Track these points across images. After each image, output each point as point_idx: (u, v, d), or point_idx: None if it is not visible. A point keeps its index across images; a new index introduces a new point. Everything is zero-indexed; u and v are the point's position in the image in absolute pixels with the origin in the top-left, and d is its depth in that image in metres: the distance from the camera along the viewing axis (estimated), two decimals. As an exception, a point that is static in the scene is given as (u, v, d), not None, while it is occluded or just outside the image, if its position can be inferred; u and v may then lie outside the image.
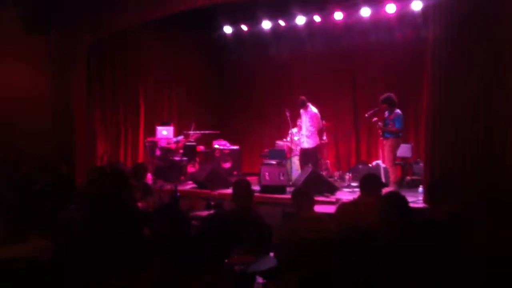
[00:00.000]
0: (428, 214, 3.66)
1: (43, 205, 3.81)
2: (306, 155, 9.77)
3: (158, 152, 10.93)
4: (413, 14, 9.22)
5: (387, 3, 9.51)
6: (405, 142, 10.17)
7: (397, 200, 3.54)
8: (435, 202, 3.41)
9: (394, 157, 8.61)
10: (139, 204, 6.17)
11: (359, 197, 4.98)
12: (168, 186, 8.84)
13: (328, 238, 3.38)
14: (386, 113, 8.62)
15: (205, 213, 5.99)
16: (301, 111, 9.78)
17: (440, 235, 2.82)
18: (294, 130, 10.50)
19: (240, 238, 3.80)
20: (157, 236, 3.73)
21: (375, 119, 8.66)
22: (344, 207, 5.09)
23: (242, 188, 4.63)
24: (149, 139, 11.24)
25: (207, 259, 3.59)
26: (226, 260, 3.79)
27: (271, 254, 4.16)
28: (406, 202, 3.57)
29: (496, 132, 5.85)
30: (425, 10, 7.24)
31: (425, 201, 4.16)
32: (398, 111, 8.51)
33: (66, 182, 5.89)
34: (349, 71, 11.79)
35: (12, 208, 3.64)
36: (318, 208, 6.23)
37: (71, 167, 9.33)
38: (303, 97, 9.68)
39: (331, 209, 5.92)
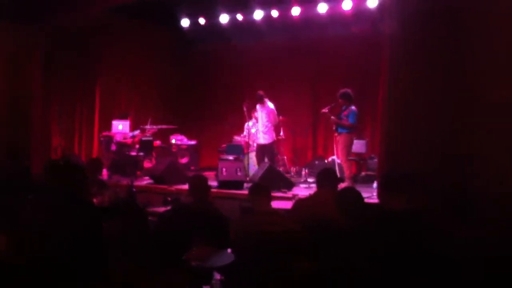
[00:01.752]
0: (381, 207, 3.73)
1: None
2: (263, 151, 9.81)
3: (113, 147, 10.76)
4: (369, 10, 9.36)
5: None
6: (360, 137, 10.35)
7: (352, 194, 3.61)
8: (388, 196, 3.48)
9: (348, 153, 8.74)
10: (94, 200, 6.07)
11: (316, 192, 5.04)
12: (124, 181, 8.72)
13: (285, 231, 3.41)
14: (343, 108, 8.74)
15: (162, 209, 5.93)
16: (258, 106, 9.79)
17: (394, 227, 2.88)
18: (250, 123, 10.50)
19: (199, 231, 3.80)
20: (113, 232, 3.67)
21: (325, 110, 8.77)
22: (301, 202, 5.15)
23: (199, 182, 4.63)
24: (105, 133, 11.06)
25: (165, 255, 3.57)
26: (184, 256, 3.79)
27: (229, 250, 4.17)
28: (361, 197, 3.64)
29: (456, 132, 5.97)
30: (381, 5, 7.31)
31: (378, 196, 4.27)
32: (353, 107, 8.65)
33: (20, 176, 5.71)
34: (307, 66, 11.88)
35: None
36: (275, 204, 6.26)
37: (26, 160, 9.10)
38: (261, 92, 9.69)
39: (288, 204, 5.95)
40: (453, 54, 5.98)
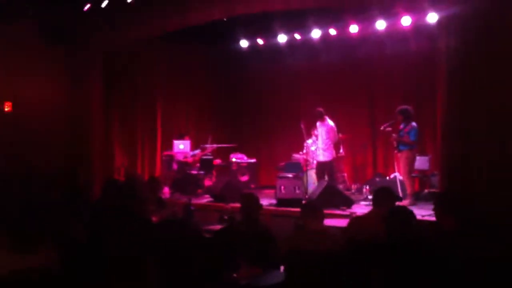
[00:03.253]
0: (436, 227, 3.61)
1: (53, 218, 3.87)
2: (323, 168, 9.74)
3: (175, 166, 11.01)
4: (428, 26, 9.15)
5: (403, 15, 9.46)
6: (423, 154, 10.08)
7: (403, 215, 3.52)
8: (442, 215, 3.37)
9: (411, 170, 8.55)
10: (153, 218, 6.22)
11: (371, 210, 4.96)
12: (184, 200, 8.88)
13: (333, 250, 3.37)
14: (402, 125, 8.57)
15: (217, 226, 5.99)
16: (318, 123, 9.75)
17: (443, 247, 2.79)
18: (310, 141, 10.46)
19: (247, 250, 3.81)
20: (165, 248, 3.74)
21: (388, 128, 8.62)
22: (356, 220, 5.07)
23: (249, 200, 4.65)
24: (166, 153, 11.33)
25: (215, 273, 3.59)
26: (233, 274, 3.80)
27: (281, 267, 4.15)
28: (412, 216, 3.54)
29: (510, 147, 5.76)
30: (440, 22, 7.20)
31: (434, 211, 4.17)
32: (413, 123, 8.47)
33: (80, 195, 5.95)
34: (365, 84, 11.74)
35: (21, 220, 3.70)
36: (332, 222, 6.23)
37: (88, 179, 9.45)
38: (320, 109, 9.65)
39: (345, 222, 5.87)
40: (509, 70, 5.80)
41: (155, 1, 9.29)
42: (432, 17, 8.81)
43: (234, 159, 11.78)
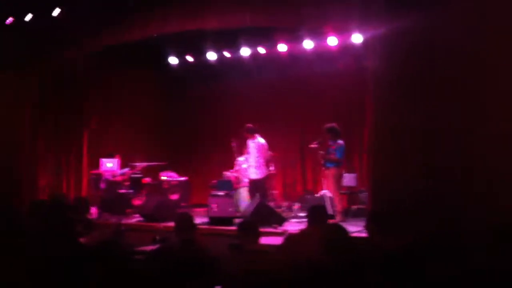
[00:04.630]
0: (373, 244, 3.69)
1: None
2: (255, 186, 9.75)
3: (102, 185, 10.67)
4: (354, 46, 9.47)
5: (329, 36, 9.73)
6: (350, 171, 10.36)
7: (338, 232, 3.57)
8: (383, 233, 3.45)
9: (339, 186, 8.76)
10: (81, 240, 5.98)
11: (306, 228, 5.00)
12: (113, 220, 8.62)
13: (273, 270, 3.35)
14: (330, 143, 8.77)
15: (150, 247, 5.84)
16: (248, 141, 9.78)
17: (390, 268, 2.85)
18: (242, 158, 10.48)
19: (184, 273, 3.73)
20: (97, 273, 3.60)
21: (314, 145, 8.80)
22: (290, 238, 5.09)
23: (184, 221, 4.56)
24: (93, 171, 10.98)
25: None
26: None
27: (218, 288, 4.09)
28: (346, 235, 3.60)
29: (438, 169, 6.02)
30: (366, 43, 7.45)
31: (367, 229, 4.26)
32: (340, 141, 8.70)
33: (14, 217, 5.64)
34: (295, 102, 11.94)
35: None
36: (266, 240, 6.20)
37: (19, 201, 9.00)
38: (250, 125, 9.66)
39: (278, 240, 5.88)
40: (434, 87, 6.08)
41: (90, 19, 9.06)
42: (357, 38, 9.15)
43: (164, 178, 11.58)
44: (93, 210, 9.84)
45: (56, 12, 8.79)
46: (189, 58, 11.85)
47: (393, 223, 3.52)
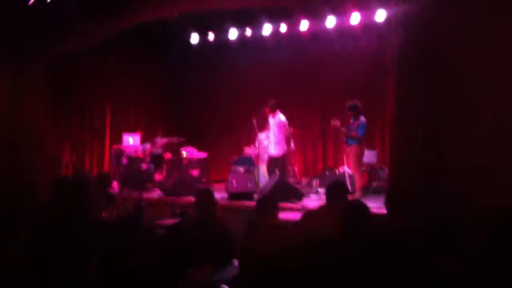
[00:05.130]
0: (387, 221, 3.70)
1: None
2: (274, 163, 9.76)
3: (124, 160, 10.79)
4: (377, 24, 9.34)
5: (352, 12, 9.60)
6: (371, 148, 10.30)
7: (359, 209, 3.57)
8: (392, 210, 3.47)
9: (359, 164, 8.73)
10: (103, 214, 6.09)
11: (324, 205, 5.01)
12: (135, 195, 8.74)
13: (289, 245, 3.39)
14: (351, 120, 8.73)
15: (170, 221, 5.93)
16: (269, 118, 9.76)
17: (395, 245, 2.86)
18: (262, 135, 10.49)
19: (203, 246, 3.78)
20: (118, 248, 3.67)
21: (335, 122, 8.75)
22: (309, 215, 5.11)
23: (204, 196, 4.61)
24: (115, 146, 11.11)
25: (169, 270, 3.55)
26: (188, 270, 3.76)
27: (235, 262, 4.14)
28: (368, 211, 3.60)
29: (450, 150, 5.96)
30: (388, 20, 7.34)
31: (386, 206, 4.26)
32: (362, 118, 8.64)
33: (28, 193, 5.76)
34: (316, 79, 11.91)
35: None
36: (284, 215, 6.27)
37: (35, 177, 9.13)
38: (274, 101, 9.60)
39: (297, 216, 5.92)
40: (458, 67, 5.98)
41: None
42: (380, 15, 9.01)
43: (184, 154, 11.67)
44: (115, 185, 10.01)
45: None
46: (211, 36, 11.80)
47: (408, 201, 3.52)
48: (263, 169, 10.10)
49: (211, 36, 11.84)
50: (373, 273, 2.65)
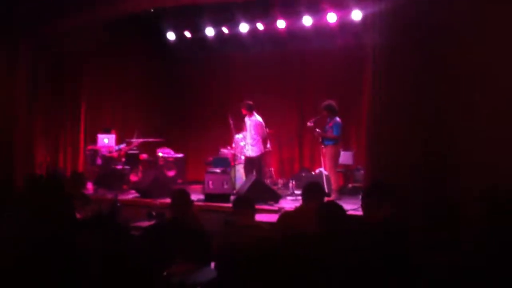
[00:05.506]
0: (364, 219, 3.73)
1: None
2: (251, 163, 9.76)
3: (99, 161, 10.67)
4: (353, 23, 9.41)
5: (328, 12, 9.66)
6: (347, 149, 10.37)
7: (334, 209, 3.59)
8: (370, 207, 3.49)
9: (335, 164, 8.77)
10: (78, 214, 6.00)
11: (301, 205, 5.02)
12: (109, 195, 8.64)
13: (266, 246, 3.38)
14: (327, 120, 8.77)
15: (146, 223, 5.87)
16: (246, 118, 9.75)
17: (374, 238, 2.88)
18: (239, 136, 10.48)
19: (179, 247, 3.75)
20: (93, 247, 3.62)
21: (310, 123, 8.79)
22: (285, 215, 5.12)
23: (180, 196, 4.58)
24: (90, 147, 10.97)
25: (145, 271, 3.51)
26: (165, 272, 3.73)
27: (212, 264, 4.12)
28: (343, 211, 3.62)
29: (434, 145, 6.04)
30: (365, 19, 7.39)
31: (361, 207, 4.29)
32: (337, 119, 8.69)
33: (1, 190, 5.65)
34: (292, 78, 11.92)
35: None
36: (261, 217, 6.25)
37: (9, 174, 8.98)
38: (249, 102, 9.60)
39: (274, 217, 5.91)
40: (433, 64, 6.06)
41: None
42: (356, 14, 9.07)
43: (160, 154, 11.59)
44: (89, 186, 9.87)
45: None
46: (187, 34, 11.73)
47: (382, 199, 3.55)
48: (240, 170, 10.09)
49: (188, 34, 11.76)
50: (350, 271, 2.67)
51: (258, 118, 9.64)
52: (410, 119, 6.20)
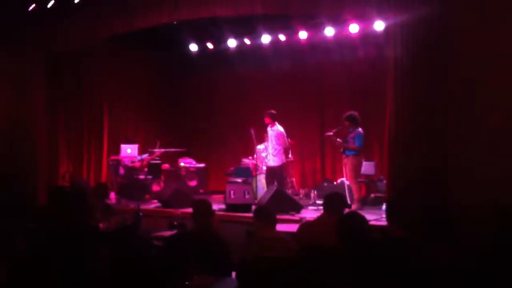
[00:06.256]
0: (387, 231, 3.71)
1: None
2: (272, 174, 9.75)
3: (122, 171, 10.77)
4: (376, 34, 9.37)
5: (351, 23, 9.65)
6: (369, 159, 10.30)
7: (356, 219, 3.57)
8: (391, 219, 3.47)
9: (357, 175, 8.72)
10: (101, 225, 6.06)
11: (322, 216, 4.99)
12: (132, 206, 8.71)
13: (287, 257, 3.37)
14: (349, 130, 8.74)
15: (167, 233, 5.90)
16: (268, 128, 9.77)
17: (394, 251, 2.86)
18: (261, 146, 10.49)
19: (200, 258, 3.77)
20: (115, 257, 3.65)
21: (329, 133, 8.78)
22: (306, 226, 5.11)
23: (201, 206, 4.59)
24: (113, 157, 11.09)
25: (167, 282, 3.53)
26: (186, 283, 3.74)
27: (233, 274, 4.13)
28: (364, 221, 3.60)
29: (450, 157, 6.01)
30: (387, 30, 7.38)
31: (387, 218, 4.27)
32: (360, 129, 8.66)
33: (26, 201, 5.76)
34: (314, 90, 11.92)
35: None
36: (282, 227, 6.24)
37: (33, 186, 9.13)
38: (273, 111, 9.63)
39: (295, 227, 5.89)
40: (454, 76, 6.04)
41: (102, 3, 9.11)
42: (379, 25, 9.04)
43: (182, 164, 11.66)
44: (112, 196, 9.97)
45: None
46: (209, 45, 11.81)
47: (397, 212, 3.54)
48: (261, 180, 10.09)
49: (210, 45, 11.84)
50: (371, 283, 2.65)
51: (280, 128, 9.65)
52: (432, 130, 6.17)
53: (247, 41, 11.32)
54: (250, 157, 10.98)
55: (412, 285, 2.64)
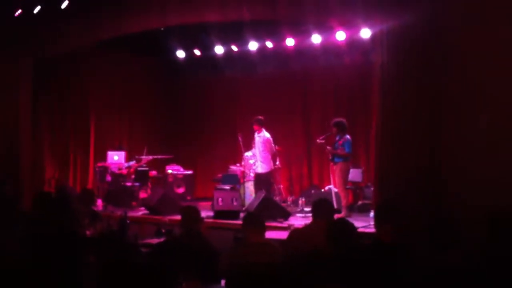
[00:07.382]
0: (375, 237, 3.71)
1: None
2: (260, 180, 9.74)
3: (108, 178, 10.70)
4: (362, 41, 9.42)
5: (337, 30, 9.69)
6: (356, 166, 10.32)
7: (345, 226, 3.56)
8: (380, 225, 3.47)
9: (345, 182, 8.74)
10: (87, 231, 6.00)
11: (311, 223, 4.98)
12: (119, 212, 8.64)
13: (275, 263, 3.36)
14: (337, 138, 8.76)
15: (155, 240, 5.86)
16: (255, 134, 9.77)
17: (384, 257, 2.85)
18: (249, 153, 10.48)
19: (187, 265, 3.73)
20: (102, 264, 3.61)
21: (321, 140, 8.79)
22: (295, 232, 5.09)
23: (189, 213, 4.56)
24: (100, 164, 11.01)
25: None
26: (174, 288, 3.71)
27: (222, 281, 4.10)
28: (353, 228, 3.59)
29: (438, 160, 6.05)
30: (373, 37, 7.42)
31: (375, 224, 4.27)
32: (348, 136, 8.69)
33: (9, 205, 5.67)
34: (301, 97, 11.94)
35: None
36: (271, 234, 6.23)
37: (16, 191, 9.02)
38: (261, 117, 9.65)
39: (283, 235, 5.89)
40: (440, 81, 6.09)
41: (90, 9, 9.06)
42: (365, 33, 9.09)
43: (170, 171, 11.60)
44: (99, 202, 9.90)
45: (64, 4, 8.82)
46: (197, 52, 11.79)
47: (388, 217, 3.54)
48: (249, 187, 10.07)
49: (197, 52, 11.82)
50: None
51: (266, 134, 9.66)
52: (418, 136, 6.20)
53: (234, 48, 11.31)
54: (238, 164, 10.94)
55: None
